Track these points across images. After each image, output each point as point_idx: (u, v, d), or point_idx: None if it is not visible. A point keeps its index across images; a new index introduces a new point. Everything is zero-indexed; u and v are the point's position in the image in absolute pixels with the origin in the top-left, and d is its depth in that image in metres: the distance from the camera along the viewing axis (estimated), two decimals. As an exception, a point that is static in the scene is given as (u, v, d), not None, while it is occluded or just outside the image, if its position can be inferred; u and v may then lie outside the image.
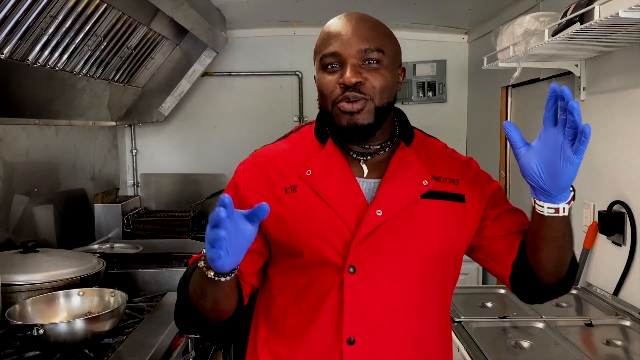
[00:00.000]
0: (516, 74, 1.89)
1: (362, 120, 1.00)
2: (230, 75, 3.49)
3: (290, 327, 1.04)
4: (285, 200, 1.03)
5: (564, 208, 0.96)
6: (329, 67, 1.01)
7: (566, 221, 0.98)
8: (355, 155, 1.06)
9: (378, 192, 1.02)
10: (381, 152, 1.07)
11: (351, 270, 0.99)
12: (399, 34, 1.01)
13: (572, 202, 0.97)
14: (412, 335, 1.02)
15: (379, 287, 1.00)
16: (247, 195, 1.05)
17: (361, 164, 1.06)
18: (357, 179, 1.04)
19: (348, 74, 0.98)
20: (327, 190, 1.02)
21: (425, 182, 1.04)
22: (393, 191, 1.02)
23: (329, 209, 1.01)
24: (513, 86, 2.71)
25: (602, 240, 1.94)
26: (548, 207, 0.96)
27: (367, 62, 0.99)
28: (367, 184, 1.04)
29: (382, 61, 1.00)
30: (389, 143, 1.08)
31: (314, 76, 1.08)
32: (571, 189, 0.96)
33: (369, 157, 1.06)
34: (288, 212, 1.02)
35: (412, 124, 1.13)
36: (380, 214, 1.00)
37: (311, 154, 1.06)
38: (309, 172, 1.03)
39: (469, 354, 1.48)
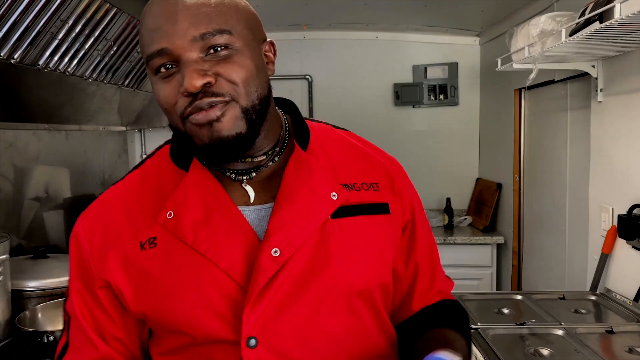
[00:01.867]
0: (532, 75, 1.86)
1: (227, 132, 0.71)
2: (240, 79, 3.48)
3: None
4: (142, 261, 0.74)
5: None
6: (162, 70, 0.72)
7: None
8: (233, 176, 0.78)
9: (270, 222, 0.74)
10: (269, 164, 0.79)
11: (251, 343, 0.71)
12: (410, 37, 0.96)
13: None
14: None
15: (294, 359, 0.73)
16: (94, 264, 0.77)
17: (244, 185, 0.78)
18: (241, 208, 0.76)
19: (188, 76, 0.68)
20: (199, 235, 0.73)
21: (334, 196, 0.77)
22: (291, 217, 0.74)
23: (205, 260, 0.72)
24: (527, 88, 2.67)
25: (621, 244, 1.90)
26: None
27: (212, 51, 0.70)
28: (255, 213, 0.76)
29: (232, 44, 0.71)
30: (277, 149, 0.80)
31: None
32: None
33: (253, 174, 0.78)
34: (152, 278, 0.74)
35: (423, 128, 0.96)
36: (277, 254, 0.72)
37: (170, 187, 0.77)
38: (170, 215, 0.74)
39: (486, 362, 1.45)
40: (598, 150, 2.05)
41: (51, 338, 1.36)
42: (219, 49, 0.71)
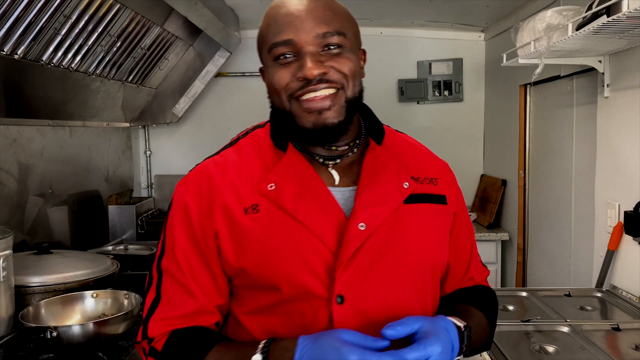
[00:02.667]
0: (538, 70, 1.84)
1: (332, 119, 0.84)
2: (244, 75, 3.47)
3: None
4: (247, 223, 0.85)
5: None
6: (281, 58, 0.84)
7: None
8: (322, 160, 0.90)
9: (356, 202, 0.87)
10: (349, 154, 0.92)
11: (339, 300, 0.83)
12: (414, 33, 0.96)
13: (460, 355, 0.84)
14: None
15: (372, 317, 0.85)
16: (202, 222, 0.87)
17: (330, 170, 0.90)
18: (329, 188, 0.88)
19: (309, 64, 0.81)
20: (298, 206, 0.85)
21: (405, 185, 0.91)
22: (373, 199, 0.87)
23: (303, 228, 0.84)
24: (532, 84, 2.66)
25: (627, 241, 1.88)
26: None
27: (327, 49, 0.84)
28: (341, 194, 0.89)
29: (344, 45, 0.85)
30: (357, 142, 0.93)
31: (260, 69, 0.93)
32: (461, 352, 0.83)
33: (338, 161, 0.91)
34: (252, 237, 0.85)
35: (428, 124, 1.05)
36: (363, 228, 0.84)
37: (270, 163, 0.89)
38: (271, 187, 0.86)
39: (491, 359, 1.44)
40: (604, 146, 2.03)
41: (54, 334, 1.36)
42: (332, 47, 0.84)
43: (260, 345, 0.79)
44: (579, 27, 1.59)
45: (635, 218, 1.80)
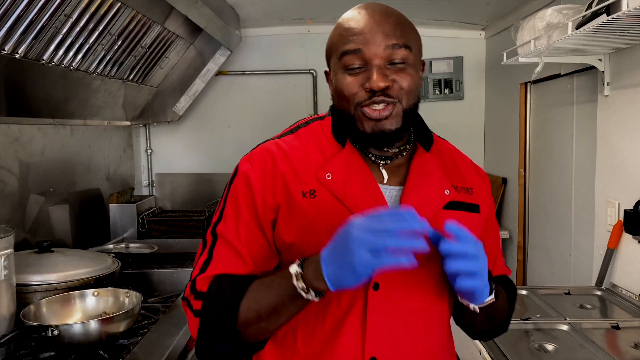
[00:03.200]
0: (538, 69, 1.84)
1: (389, 126, 0.93)
2: (245, 74, 3.47)
3: (303, 347, 0.96)
4: (304, 205, 0.94)
5: (474, 307, 0.92)
6: (350, 67, 0.93)
7: (482, 312, 0.95)
8: (374, 159, 0.99)
9: (402, 200, 0.96)
10: (399, 157, 1.00)
11: (374, 287, 0.92)
12: None
13: (488, 303, 0.93)
14: (430, 351, 0.98)
15: (401, 305, 0.95)
16: (265, 196, 0.95)
17: (380, 168, 0.99)
18: (379, 185, 0.97)
19: (375, 77, 0.90)
20: (350, 197, 0.94)
21: (447, 192, 0.99)
22: (417, 201, 0.95)
23: (350, 213, 0.92)
24: (533, 82, 2.65)
25: (627, 239, 1.88)
26: (461, 298, 0.93)
27: (392, 63, 0.92)
28: (388, 192, 0.97)
29: (408, 59, 0.92)
30: (407, 147, 1.01)
31: (325, 72, 1.01)
32: (491, 293, 0.93)
33: (388, 162, 0.99)
34: (307, 219, 0.93)
35: (428, 122, 1.07)
36: None
37: (328, 155, 0.98)
38: (329, 176, 0.95)
39: (490, 357, 1.44)
40: (604, 145, 2.03)
41: (55, 332, 1.37)
42: (396, 62, 0.91)
43: (296, 263, 0.86)
44: (579, 26, 1.59)
45: (635, 216, 1.80)
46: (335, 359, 0.93)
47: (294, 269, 0.84)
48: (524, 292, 1.95)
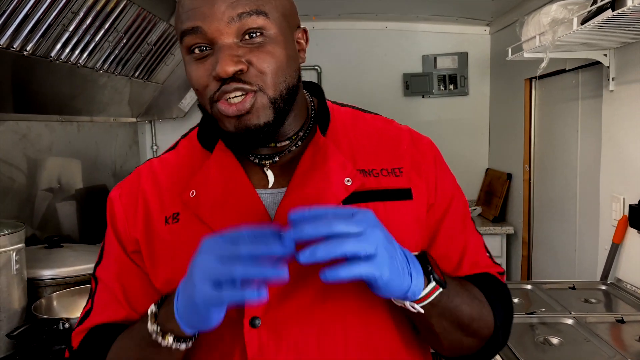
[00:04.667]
0: (543, 64, 1.84)
1: (255, 121, 0.71)
2: (249, 70, 3.48)
3: None
4: (165, 234, 0.77)
5: (412, 306, 0.68)
6: (196, 50, 0.72)
7: (430, 314, 0.70)
8: (257, 160, 0.79)
9: (279, 206, 0.75)
10: (292, 149, 0.79)
11: (255, 323, 0.72)
12: (419, 27, 0.95)
13: (431, 295, 0.68)
14: None
15: (298, 344, 0.72)
16: (126, 227, 0.80)
17: (265, 170, 0.79)
18: (259, 191, 0.77)
19: (222, 61, 0.68)
20: (216, 215, 0.74)
21: (347, 181, 0.75)
22: (300, 202, 0.73)
23: None
24: (537, 78, 2.66)
25: (632, 234, 1.89)
26: (394, 299, 0.70)
27: (247, 37, 0.71)
28: (272, 197, 0.77)
29: (267, 30, 0.71)
30: (300, 134, 0.80)
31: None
32: (429, 278, 0.68)
33: (277, 159, 0.79)
34: (166, 249, 0.76)
35: (433, 118, 0.86)
36: None
37: (197, 166, 0.80)
38: (192, 193, 0.77)
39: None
40: (609, 140, 2.04)
41: (67, 325, 1.39)
42: (254, 35, 0.71)
43: (155, 302, 0.71)
44: (584, 21, 1.59)
45: (640, 211, 1.81)
46: None
47: (150, 309, 0.69)
48: (528, 286, 1.96)
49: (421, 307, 0.68)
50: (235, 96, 0.71)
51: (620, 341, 1.51)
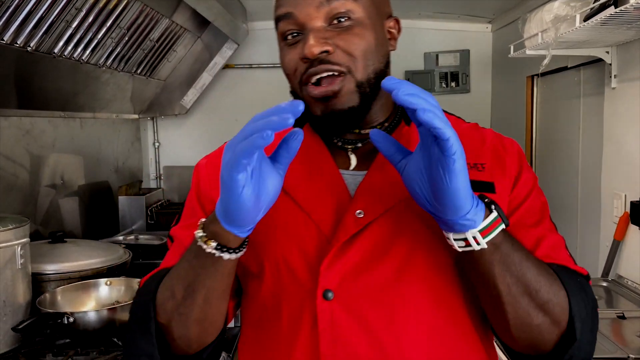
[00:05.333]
0: (546, 61, 1.85)
1: (340, 105, 0.73)
2: (251, 67, 3.48)
3: None
4: None
5: (474, 238, 0.64)
6: (288, 37, 0.76)
7: (493, 260, 0.66)
8: (340, 144, 0.81)
9: (359, 186, 0.77)
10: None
11: (328, 295, 0.73)
12: (421, 24, 0.95)
13: (493, 229, 0.65)
14: None
15: (369, 321, 0.73)
16: (209, 190, 0.83)
17: (349, 153, 0.81)
18: (342, 171, 0.79)
19: (310, 42, 0.71)
20: (300, 188, 0.78)
21: None
22: (380, 185, 0.76)
23: (301, 211, 0.77)
24: (539, 75, 2.66)
25: (634, 231, 1.90)
26: (454, 239, 0.66)
27: (335, 21, 0.73)
28: (353, 178, 0.79)
29: (354, 13, 0.73)
30: (385, 125, 0.82)
31: None
32: (490, 209, 0.65)
33: (359, 145, 0.81)
34: None
35: None
36: (361, 215, 0.74)
37: None
38: None
39: (497, 345, 1.46)
40: (611, 137, 2.04)
41: (71, 319, 1.40)
42: (342, 19, 0.73)
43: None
44: (587, 18, 1.60)
45: (642, 208, 1.81)
46: None
47: (201, 220, 0.70)
48: (530, 283, 1.97)
49: (480, 247, 0.65)
50: (323, 76, 0.73)
51: (621, 337, 1.52)
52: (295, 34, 0.75)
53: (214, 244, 0.67)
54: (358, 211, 0.75)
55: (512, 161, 0.82)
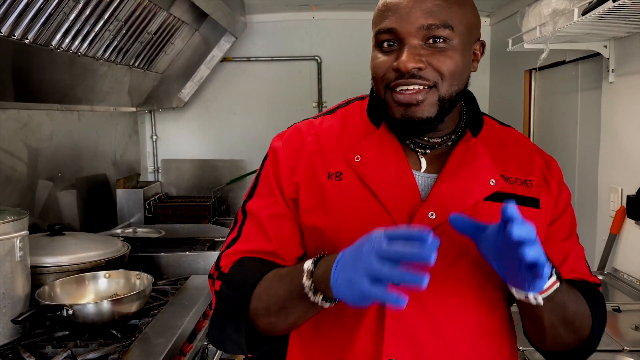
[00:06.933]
0: (544, 55, 1.85)
1: (420, 114, 0.82)
2: (249, 60, 3.48)
3: (323, 343, 0.90)
4: (328, 187, 0.87)
5: (534, 297, 0.75)
6: (385, 44, 0.83)
7: (545, 307, 0.78)
8: (412, 146, 0.89)
9: (432, 190, 0.85)
10: (443, 146, 0.90)
11: None
12: None
13: (551, 288, 0.76)
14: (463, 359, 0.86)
15: (428, 306, 0.84)
16: (289, 172, 0.90)
17: (419, 157, 0.89)
18: (414, 172, 0.87)
19: (404, 57, 0.80)
20: (378, 182, 0.86)
21: (492, 182, 0.86)
22: (451, 191, 0.85)
23: (378, 203, 0.85)
24: (538, 69, 2.66)
25: (630, 225, 1.91)
26: (516, 291, 0.77)
27: (431, 41, 0.81)
28: (423, 179, 0.88)
29: (451, 39, 0.81)
30: (453, 137, 0.90)
31: None
32: (552, 273, 0.76)
33: (428, 151, 0.89)
34: (329, 202, 0.87)
35: None
36: (433, 217, 0.83)
37: (361, 136, 0.90)
38: (357, 158, 0.87)
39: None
40: (608, 131, 2.05)
41: (70, 312, 1.40)
42: (438, 40, 0.81)
43: (312, 259, 0.78)
44: (585, 12, 1.60)
45: (638, 202, 1.82)
46: (353, 357, 0.86)
47: (307, 265, 0.77)
48: (526, 276, 1.98)
49: (541, 298, 0.76)
50: (411, 88, 0.81)
51: (617, 330, 1.53)
52: (392, 44, 0.83)
53: (320, 297, 0.75)
54: (431, 212, 0.84)
55: (555, 181, 0.93)
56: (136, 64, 2.69)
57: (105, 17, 2.09)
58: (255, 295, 0.82)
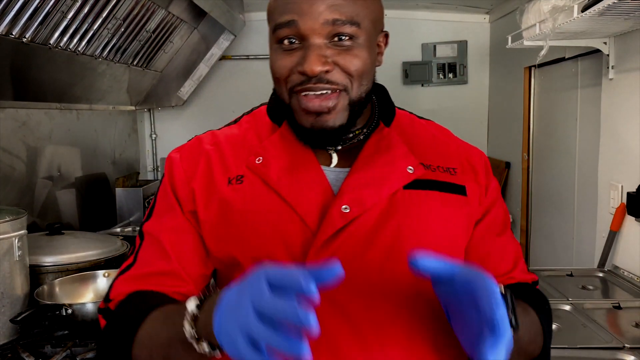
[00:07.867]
0: (543, 52, 1.85)
1: (332, 122, 0.76)
2: (248, 58, 3.47)
3: None
4: (228, 193, 0.79)
5: None
6: (285, 42, 0.75)
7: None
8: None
9: (344, 182, 0.78)
10: (355, 140, 0.83)
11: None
12: (419, 15, 0.94)
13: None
14: None
15: (350, 313, 0.74)
16: (185, 184, 0.81)
17: (330, 152, 0.83)
18: (323, 167, 0.81)
19: (310, 59, 0.72)
20: (282, 182, 0.78)
21: (410, 169, 0.80)
22: (365, 181, 0.78)
23: (286, 205, 0.77)
24: (537, 66, 2.66)
25: (630, 222, 1.90)
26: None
27: (336, 39, 0.74)
28: (335, 174, 0.81)
29: (357, 37, 0.75)
30: (365, 131, 0.84)
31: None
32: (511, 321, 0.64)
33: (339, 147, 0.83)
34: (233, 209, 0.78)
35: (432, 106, 0.94)
36: (347, 210, 0.76)
37: (263, 136, 0.83)
38: (259, 160, 0.80)
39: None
40: (608, 128, 2.04)
41: (69, 311, 1.40)
42: (343, 37, 0.74)
43: (195, 298, 0.66)
44: (585, 9, 1.59)
45: (638, 199, 1.82)
46: None
47: (190, 304, 0.65)
48: (526, 273, 1.98)
49: None
50: (321, 92, 0.74)
51: (617, 327, 1.53)
52: (293, 41, 0.75)
53: (205, 345, 0.62)
54: (344, 206, 0.76)
55: (481, 168, 0.87)
56: (135, 63, 2.69)
57: (104, 15, 2.08)
58: (138, 341, 0.72)
